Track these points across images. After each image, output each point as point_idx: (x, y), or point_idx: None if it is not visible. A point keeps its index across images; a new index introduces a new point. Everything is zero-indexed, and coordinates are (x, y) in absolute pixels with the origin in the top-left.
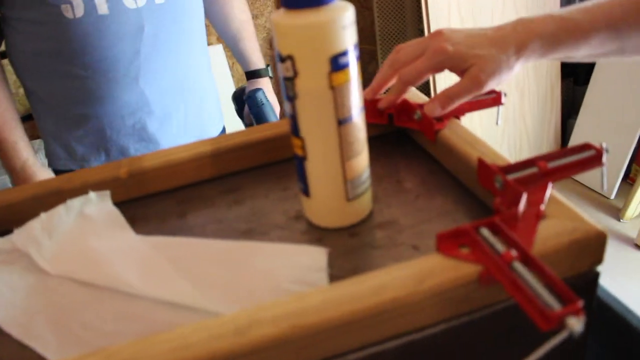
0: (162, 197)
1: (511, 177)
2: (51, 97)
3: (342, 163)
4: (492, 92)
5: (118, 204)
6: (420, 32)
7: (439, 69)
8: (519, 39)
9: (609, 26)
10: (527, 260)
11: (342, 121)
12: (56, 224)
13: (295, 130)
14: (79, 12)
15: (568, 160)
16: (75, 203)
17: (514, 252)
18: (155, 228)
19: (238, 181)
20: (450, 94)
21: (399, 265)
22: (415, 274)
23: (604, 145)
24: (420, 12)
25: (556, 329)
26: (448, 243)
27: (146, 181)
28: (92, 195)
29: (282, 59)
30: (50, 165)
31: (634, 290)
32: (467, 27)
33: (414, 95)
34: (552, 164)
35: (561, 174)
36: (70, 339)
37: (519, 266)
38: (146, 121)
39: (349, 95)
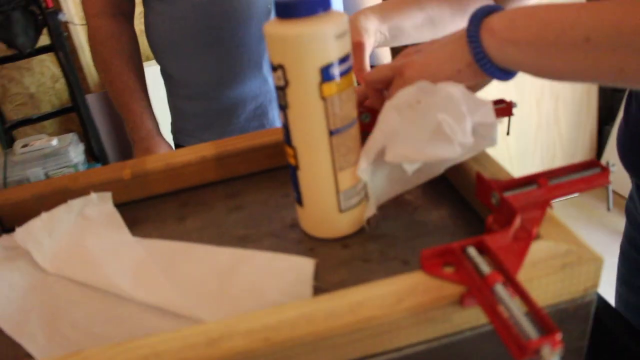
0: (165, 200)
1: (509, 193)
2: (179, 76)
3: (334, 174)
4: (502, 101)
5: (121, 204)
6: None
7: None
8: None
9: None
10: (512, 284)
11: (334, 132)
12: (56, 224)
13: (287, 139)
14: None
15: (572, 177)
16: (76, 203)
17: (498, 275)
18: (154, 230)
19: (240, 186)
20: None
21: (380, 282)
22: (395, 292)
23: (611, 162)
24: None
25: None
26: (433, 261)
27: (149, 183)
28: (93, 196)
29: (274, 68)
30: (175, 140)
31: None
32: None
33: None
34: (554, 181)
35: (563, 192)
36: (58, 338)
37: (501, 290)
38: (267, 107)
39: (341, 106)
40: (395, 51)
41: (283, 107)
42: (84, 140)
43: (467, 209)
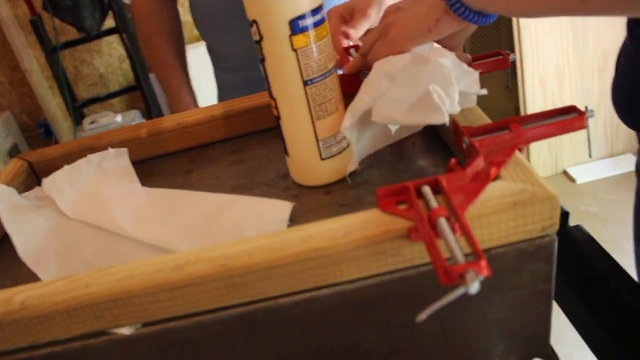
0: (177, 156)
1: (480, 138)
2: (219, 49)
3: (311, 123)
4: (499, 53)
5: (139, 161)
6: None
7: None
8: None
9: None
10: (457, 220)
11: (308, 82)
12: (77, 175)
13: (269, 91)
14: None
15: (545, 122)
16: (94, 158)
17: (443, 210)
18: (164, 182)
19: (245, 142)
20: None
21: (335, 218)
22: (346, 227)
23: (589, 107)
24: None
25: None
26: (388, 199)
27: (163, 141)
28: (110, 151)
29: (250, 24)
30: None
31: None
32: None
33: None
34: (526, 126)
35: (534, 136)
36: (66, 270)
37: (443, 223)
38: None
39: (313, 57)
40: None
41: (261, 61)
42: (146, 116)
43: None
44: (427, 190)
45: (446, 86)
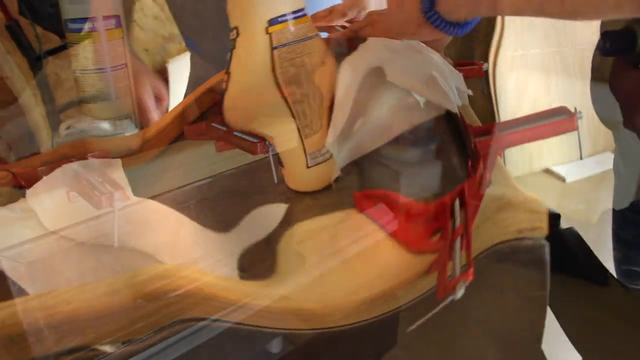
0: (170, 162)
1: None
2: (203, 54)
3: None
4: (474, 63)
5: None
6: None
7: None
8: None
9: None
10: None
11: None
12: (56, 186)
13: None
14: None
15: (535, 124)
16: (73, 167)
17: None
18: (152, 190)
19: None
20: None
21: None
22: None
23: (578, 110)
24: None
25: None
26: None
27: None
28: (92, 160)
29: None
30: None
31: None
32: None
33: None
34: (516, 129)
35: (525, 139)
36: (48, 286)
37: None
38: None
39: None
40: None
41: None
42: None
43: None
44: (457, 204)
45: (444, 76)
